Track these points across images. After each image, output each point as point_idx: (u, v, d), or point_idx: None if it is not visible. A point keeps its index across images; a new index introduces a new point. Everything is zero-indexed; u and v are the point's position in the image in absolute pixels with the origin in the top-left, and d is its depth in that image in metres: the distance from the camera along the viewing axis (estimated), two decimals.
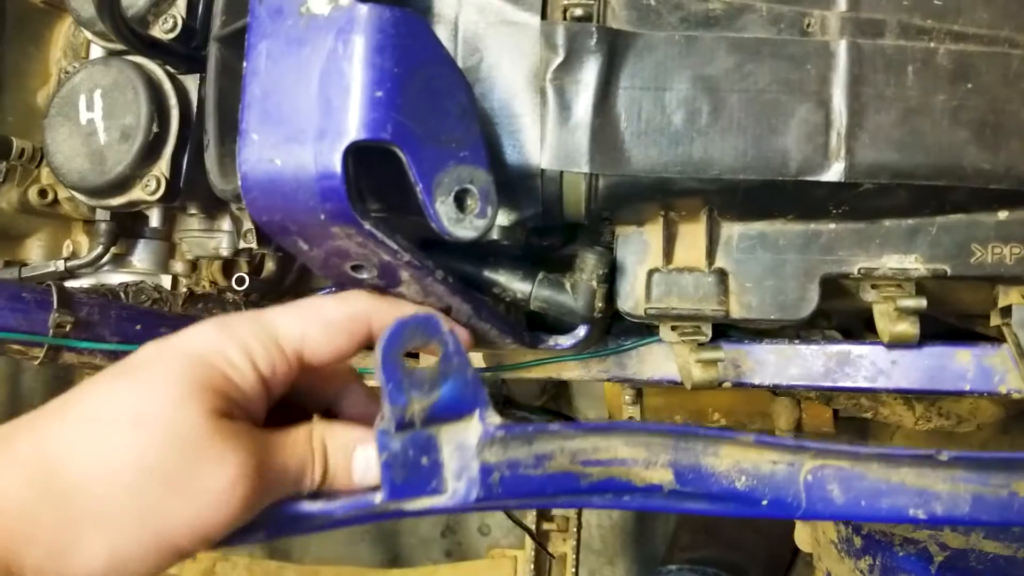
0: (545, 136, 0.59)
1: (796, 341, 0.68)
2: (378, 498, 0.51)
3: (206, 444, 0.45)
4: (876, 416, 0.82)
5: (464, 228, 0.52)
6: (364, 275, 0.57)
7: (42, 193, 0.90)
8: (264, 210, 0.53)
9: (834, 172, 0.58)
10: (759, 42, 0.58)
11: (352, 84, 0.50)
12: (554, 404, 1.05)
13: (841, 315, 0.87)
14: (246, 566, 1.59)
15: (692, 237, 0.65)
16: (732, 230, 0.65)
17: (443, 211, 0.51)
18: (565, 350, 0.67)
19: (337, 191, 0.50)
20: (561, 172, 0.59)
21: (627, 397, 0.91)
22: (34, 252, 0.96)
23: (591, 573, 1.71)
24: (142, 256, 0.88)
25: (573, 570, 1.23)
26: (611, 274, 0.65)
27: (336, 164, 0.50)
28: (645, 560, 1.71)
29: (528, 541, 1.26)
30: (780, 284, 0.64)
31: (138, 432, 0.44)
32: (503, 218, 0.62)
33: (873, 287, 0.66)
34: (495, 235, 0.62)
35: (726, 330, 0.73)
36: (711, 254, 0.65)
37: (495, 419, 0.51)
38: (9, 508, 0.41)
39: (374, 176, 0.57)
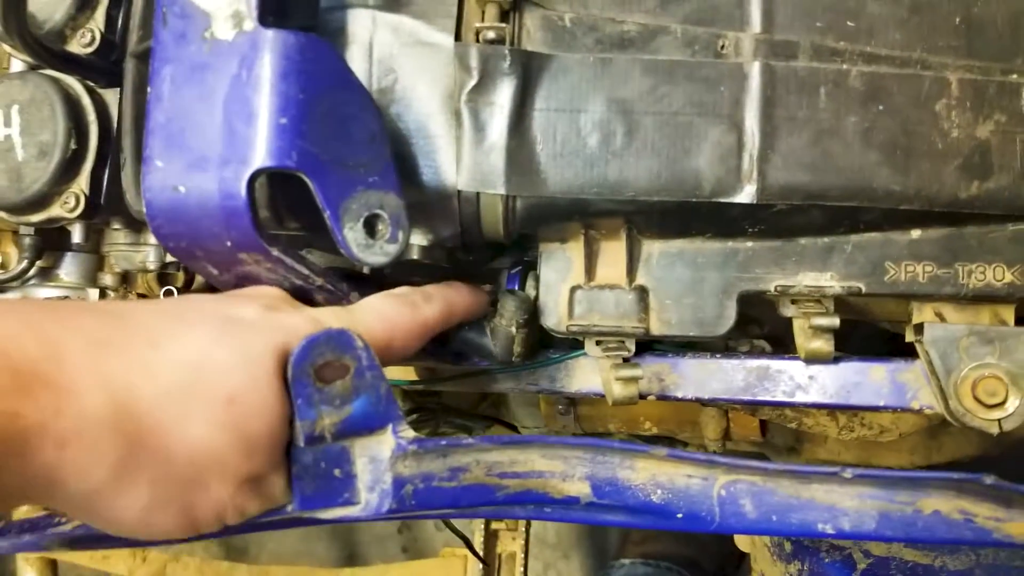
0: (461, 157, 0.59)
1: (718, 356, 0.69)
2: (290, 507, 0.51)
3: (278, 451, 0.48)
4: (801, 426, 0.83)
5: (374, 254, 0.52)
6: None
7: None
8: (170, 237, 0.53)
9: (747, 194, 0.59)
10: (673, 64, 0.59)
11: (256, 111, 0.50)
12: (494, 411, 1.05)
13: (774, 321, 0.88)
14: (197, 567, 1.58)
15: (613, 254, 0.66)
16: (652, 248, 0.66)
17: (352, 237, 0.51)
18: (492, 366, 0.68)
19: (242, 218, 0.50)
20: (478, 193, 0.59)
21: (560, 407, 0.91)
22: None
23: (545, 567, 1.73)
24: (69, 270, 0.86)
25: (522, 569, 1.24)
26: (532, 319, 0.65)
27: (241, 191, 0.50)
28: (599, 553, 1.73)
29: (478, 537, 1.27)
30: (699, 301, 0.65)
31: (230, 410, 0.45)
32: (421, 238, 0.62)
33: (792, 303, 0.67)
34: (414, 254, 0.62)
35: (653, 344, 0.74)
36: (631, 271, 0.65)
37: (408, 433, 0.52)
38: (77, 427, 0.40)
39: (291, 194, 0.57)
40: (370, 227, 0.52)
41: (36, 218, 0.76)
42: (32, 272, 0.84)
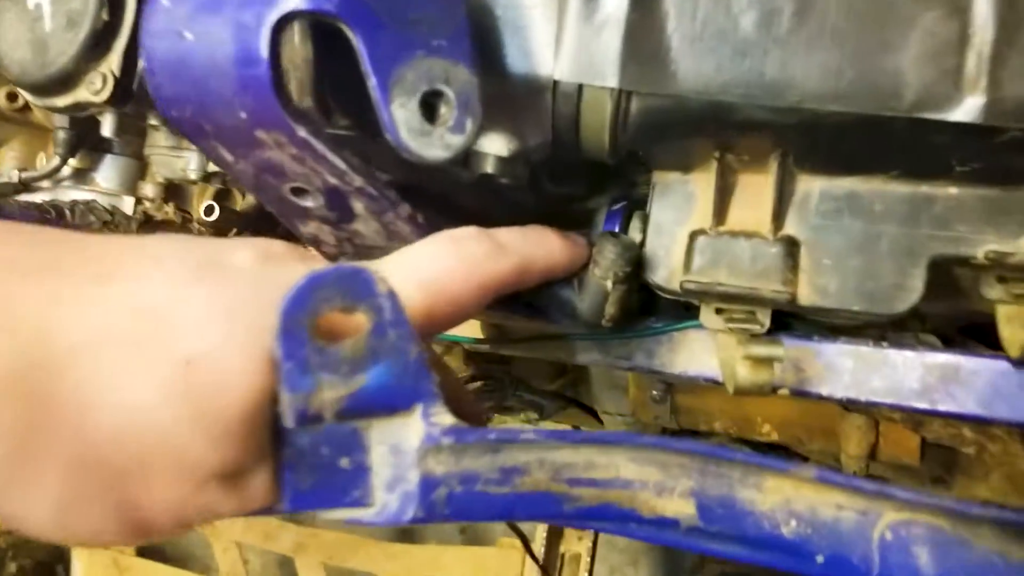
0: (562, 36, 0.43)
1: (884, 344, 0.52)
2: (279, 505, 0.37)
3: (260, 437, 0.34)
4: (981, 452, 0.64)
5: (430, 144, 0.37)
6: (309, 202, 0.44)
7: (11, 96, 0.80)
8: (172, 101, 0.40)
9: (967, 109, 0.41)
10: None
11: None
12: (573, 391, 0.90)
13: (938, 319, 0.69)
14: (245, 521, 1.51)
15: (755, 192, 0.49)
16: (811, 186, 0.48)
17: (402, 118, 0.37)
18: (573, 330, 0.52)
19: (261, 79, 0.37)
20: (580, 87, 0.44)
21: (655, 393, 0.75)
22: (7, 163, 0.86)
23: (611, 571, 1.57)
24: (108, 174, 0.76)
25: (587, 573, 1.09)
26: (635, 272, 0.49)
27: (261, 44, 0.37)
28: (672, 564, 1.56)
29: (540, 532, 1.13)
30: (871, 265, 0.47)
31: (187, 376, 0.31)
32: (499, 145, 0.47)
33: (1000, 280, 0.49)
34: (488, 167, 0.47)
35: (789, 321, 0.57)
36: (779, 216, 0.48)
37: (444, 418, 0.37)
38: None
39: (343, 72, 0.42)
40: (428, 108, 0.38)
41: (61, 101, 0.65)
42: (66, 172, 0.75)
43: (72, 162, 0.75)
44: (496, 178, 0.47)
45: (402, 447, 0.37)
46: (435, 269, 0.39)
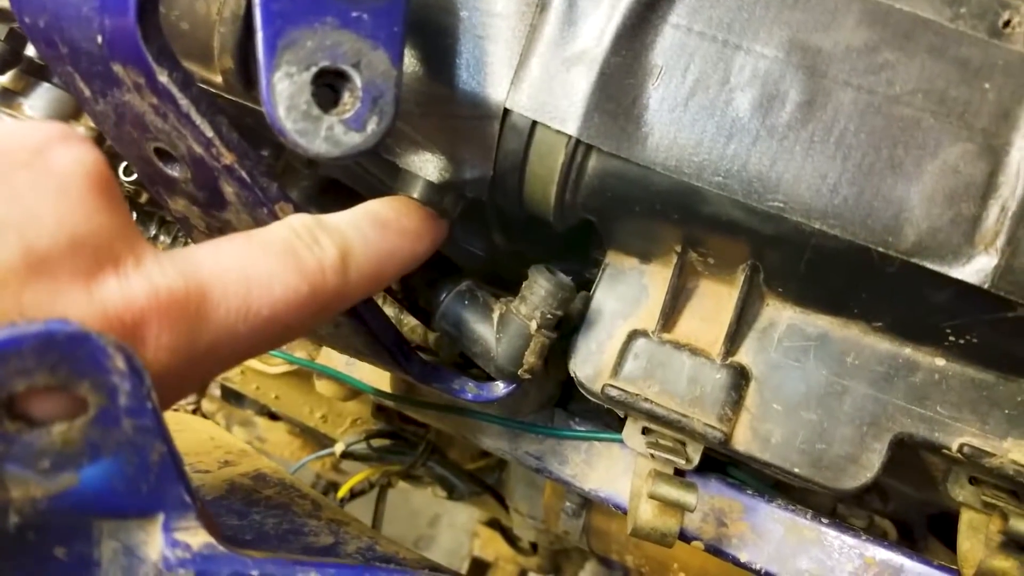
0: (527, 60, 0.37)
1: (822, 520, 0.45)
2: None
3: None
4: None
5: (313, 135, 0.31)
6: (175, 172, 0.37)
7: None
8: (26, 7, 0.34)
9: (976, 269, 0.35)
10: (917, 22, 0.36)
11: None
12: (491, 477, 0.82)
13: (902, 499, 0.62)
14: None
15: (714, 303, 0.43)
16: (780, 314, 0.42)
17: (284, 91, 0.31)
18: (470, 401, 0.45)
19: (123, 1, 0.31)
20: (534, 124, 0.38)
21: (569, 506, 0.67)
22: None
23: None
24: (37, 103, 0.70)
25: None
26: (568, 322, 0.43)
27: None
28: None
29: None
30: (827, 425, 0.41)
31: None
32: (430, 168, 0.41)
33: (972, 482, 0.42)
34: (413, 191, 0.41)
35: (727, 465, 0.50)
36: (734, 339, 0.42)
37: (195, 537, 0.28)
38: None
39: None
40: (324, 90, 0.31)
41: None
42: None
43: (1, 80, 0.69)
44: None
45: (137, 552, 0.28)
46: (274, 297, 0.30)
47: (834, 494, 0.41)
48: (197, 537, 0.27)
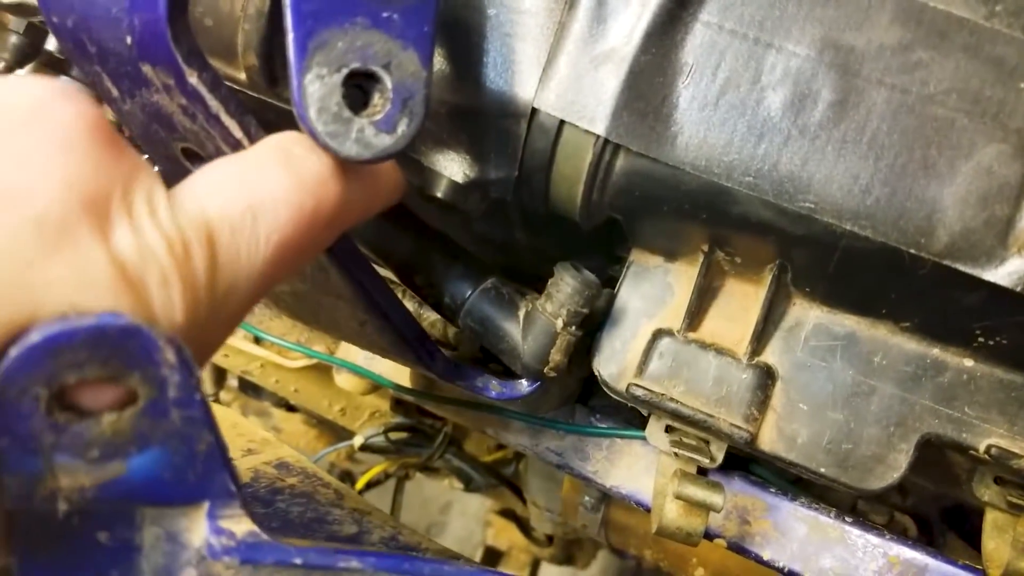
0: (555, 59, 0.37)
1: (845, 519, 0.45)
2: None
3: None
4: None
5: (344, 137, 0.31)
6: None
7: None
8: (55, 6, 0.33)
9: (1008, 272, 0.35)
10: (951, 21, 0.36)
11: None
12: (507, 467, 0.82)
13: (919, 492, 0.62)
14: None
15: (741, 303, 0.43)
16: (807, 314, 0.42)
17: (316, 93, 0.30)
18: (494, 399, 0.45)
19: (153, 2, 0.30)
20: (561, 123, 0.38)
21: (588, 500, 0.67)
22: None
23: None
24: None
25: None
26: (592, 319, 0.43)
27: None
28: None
29: None
30: (854, 425, 0.41)
31: None
32: (455, 168, 0.40)
33: (998, 482, 0.42)
34: (438, 190, 0.41)
35: (749, 462, 0.50)
36: (761, 339, 0.42)
37: (239, 525, 0.28)
38: None
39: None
40: (355, 91, 0.31)
41: None
42: None
43: (20, 72, 0.69)
44: (444, 203, 0.41)
45: (180, 538, 0.28)
46: (281, 221, 0.29)
47: (860, 494, 0.41)
48: (241, 525, 0.28)
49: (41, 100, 0.27)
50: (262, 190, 0.29)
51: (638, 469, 0.51)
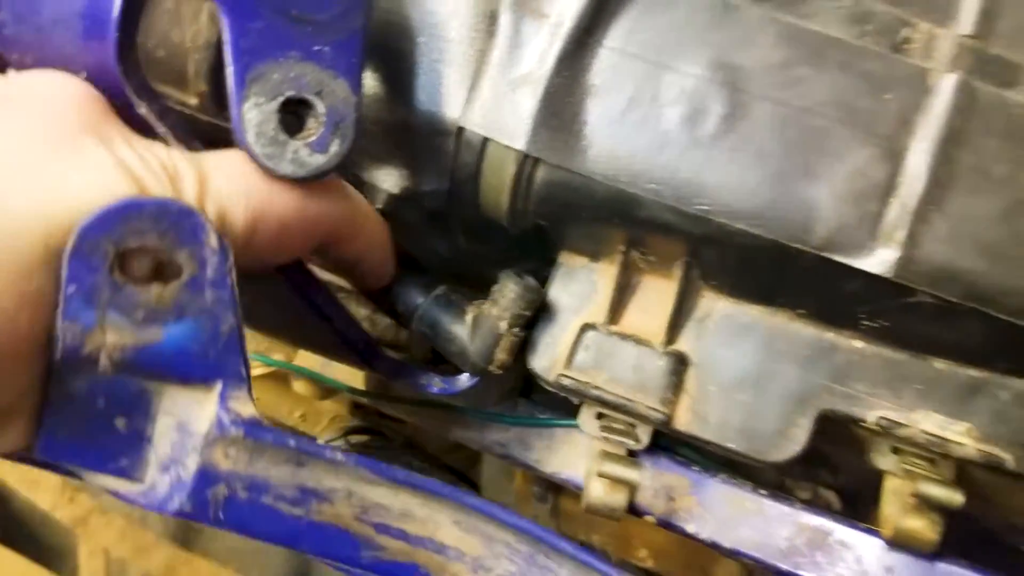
0: (478, 82, 0.41)
1: (764, 493, 0.49)
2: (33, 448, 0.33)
3: (18, 373, 0.32)
4: None
5: (280, 158, 0.35)
6: None
7: None
8: (13, 42, 0.37)
9: (879, 261, 0.39)
10: (827, 41, 0.41)
11: None
12: (469, 465, 0.86)
13: (854, 474, 0.67)
14: (120, 527, 1.43)
15: (656, 297, 0.47)
16: (715, 305, 0.46)
17: (254, 119, 0.34)
18: (436, 394, 0.49)
19: (106, 42, 0.34)
20: (485, 140, 0.42)
21: (537, 491, 0.72)
22: None
23: None
24: None
25: None
26: (534, 320, 0.47)
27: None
28: None
29: None
30: (759, 402, 0.45)
31: None
32: (392, 181, 0.45)
33: (894, 451, 0.47)
34: (378, 202, 0.45)
35: (678, 444, 0.54)
36: (674, 328, 0.46)
37: (244, 407, 0.33)
38: None
39: None
40: (291, 117, 0.35)
41: None
42: None
43: None
44: (384, 211, 0.45)
45: (189, 426, 0.33)
46: (268, 190, 0.35)
47: (767, 466, 0.46)
48: (247, 408, 0.33)
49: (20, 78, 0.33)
50: (257, 176, 0.34)
51: (576, 455, 0.55)
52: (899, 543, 0.44)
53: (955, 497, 0.42)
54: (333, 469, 0.36)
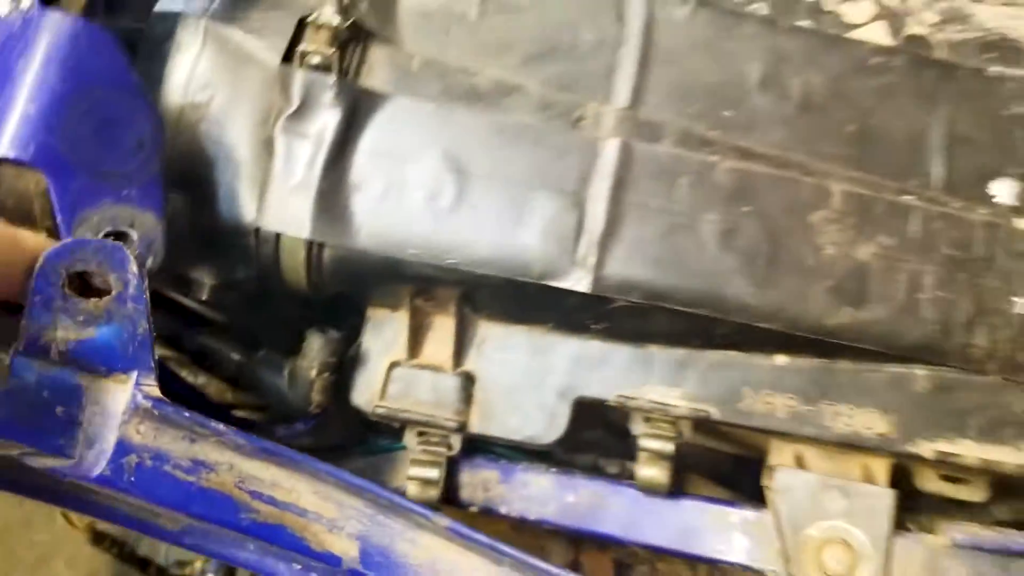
0: (265, 191, 0.54)
1: (552, 470, 0.62)
2: None
3: None
4: (653, 572, 0.74)
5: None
6: None
7: None
8: None
9: (578, 281, 0.53)
10: (521, 127, 0.55)
11: (14, 94, 0.46)
12: None
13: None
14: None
15: (443, 331, 0.60)
16: (488, 331, 0.60)
17: None
18: (280, 438, 0.61)
19: None
20: (278, 234, 0.54)
21: None
22: None
23: None
24: None
25: None
26: (340, 363, 0.59)
27: None
28: None
29: None
30: (530, 400, 0.58)
31: None
32: (210, 275, 0.56)
33: (645, 420, 0.61)
34: (203, 294, 0.56)
35: (491, 446, 0.67)
36: (459, 353, 0.59)
37: (153, 390, 0.45)
38: None
39: None
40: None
41: None
42: None
43: None
44: (207, 302, 0.57)
45: (110, 410, 0.45)
46: None
47: (543, 449, 0.59)
48: (155, 391, 0.45)
49: None
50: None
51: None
52: (645, 489, 0.58)
53: (667, 446, 0.56)
54: (218, 446, 0.47)
